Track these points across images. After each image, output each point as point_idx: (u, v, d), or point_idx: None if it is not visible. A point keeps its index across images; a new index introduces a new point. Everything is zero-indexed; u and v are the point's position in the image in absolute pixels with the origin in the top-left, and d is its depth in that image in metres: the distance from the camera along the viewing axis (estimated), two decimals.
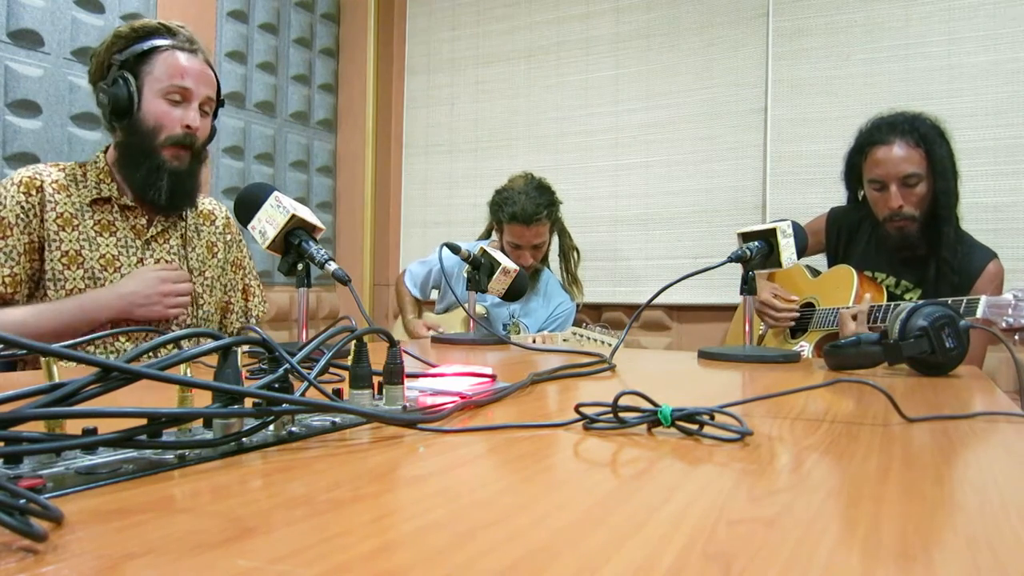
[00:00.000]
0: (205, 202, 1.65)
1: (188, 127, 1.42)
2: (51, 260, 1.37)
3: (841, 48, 2.54)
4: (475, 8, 3.20)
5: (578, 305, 2.62)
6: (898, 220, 1.84)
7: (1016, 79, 2.32)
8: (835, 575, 0.32)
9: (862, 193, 1.99)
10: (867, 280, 1.94)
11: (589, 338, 2.17)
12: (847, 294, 1.89)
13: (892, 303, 1.71)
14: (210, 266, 1.59)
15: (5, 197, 1.35)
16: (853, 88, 2.51)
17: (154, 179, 1.41)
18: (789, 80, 2.62)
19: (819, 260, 2.18)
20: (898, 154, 1.82)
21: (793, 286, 2.14)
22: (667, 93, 2.82)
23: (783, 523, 0.38)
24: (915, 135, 1.83)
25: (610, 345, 2.14)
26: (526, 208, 2.30)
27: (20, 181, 1.37)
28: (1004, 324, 1.44)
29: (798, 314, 2.02)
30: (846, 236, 2.06)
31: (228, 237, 1.66)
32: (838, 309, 1.85)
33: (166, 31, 1.43)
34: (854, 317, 1.72)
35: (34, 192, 1.37)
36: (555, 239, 2.65)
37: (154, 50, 1.40)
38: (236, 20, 2.71)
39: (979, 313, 1.50)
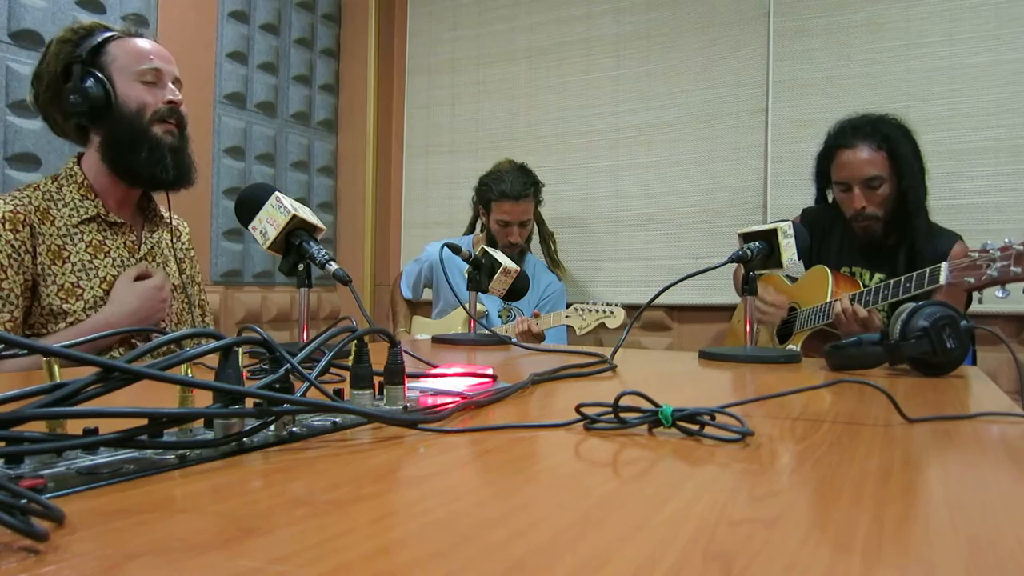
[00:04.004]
0: (173, 217, 1.62)
1: (171, 101, 1.41)
2: (48, 296, 1.32)
3: (842, 48, 2.54)
4: (476, 8, 3.20)
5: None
6: (862, 220, 1.95)
7: (1017, 79, 2.31)
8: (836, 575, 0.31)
9: (831, 194, 2.09)
10: (842, 277, 2.00)
11: (589, 310, 2.20)
12: (824, 293, 1.95)
13: (880, 284, 1.73)
14: (185, 283, 1.58)
15: None
16: (854, 88, 2.51)
17: (158, 156, 1.39)
18: (790, 80, 2.62)
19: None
20: (861, 157, 1.92)
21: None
22: (668, 93, 2.82)
23: (784, 524, 0.38)
24: (878, 137, 1.92)
25: (612, 314, 2.17)
26: (514, 185, 2.45)
27: (3, 218, 1.29)
28: (967, 284, 1.48)
29: (787, 308, 2.08)
30: (819, 235, 2.11)
31: (192, 254, 1.67)
32: (821, 305, 1.91)
33: (105, 27, 1.41)
34: (855, 314, 1.74)
35: (21, 228, 1.30)
36: (535, 228, 2.69)
37: (107, 41, 1.38)
38: (237, 20, 2.71)
39: (942, 279, 1.53)
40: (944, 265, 1.53)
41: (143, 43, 1.42)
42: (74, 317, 1.34)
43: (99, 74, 1.35)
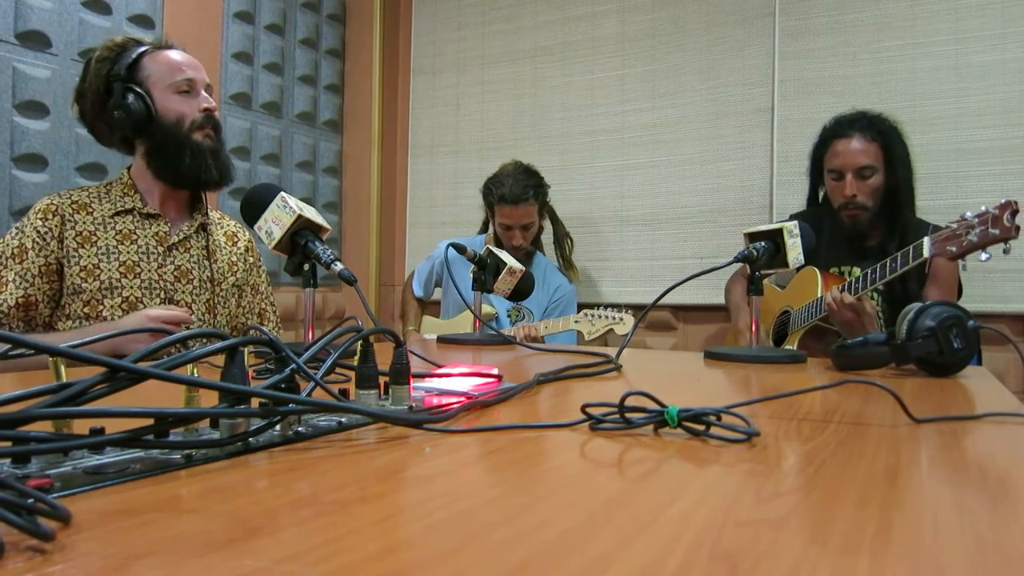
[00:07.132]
0: (229, 223, 1.72)
1: (207, 109, 1.52)
2: (71, 276, 1.44)
3: (848, 47, 2.53)
4: (481, 8, 3.20)
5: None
6: (851, 208, 2.00)
7: None
8: None
9: (822, 191, 2.13)
10: (830, 275, 2.03)
11: (600, 316, 2.21)
12: (815, 290, 1.97)
13: (868, 269, 1.76)
14: (228, 281, 1.64)
15: (25, 225, 1.44)
16: (860, 87, 2.50)
17: (201, 160, 1.50)
18: (795, 80, 2.61)
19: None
20: (855, 147, 1.99)
21: (764, 305, 2.18)
22: (673, 93, 2.82)
23: (791, 524, 0.38)
24: (873, 131, 1.99)
25: (622, 321, 2.17)
26: (513, 189, 2.43)
27: (39, 209, 1.45)
28: (950, 253, 1.51)
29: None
30: None
31: (250, 260, 1.72)
32: (813, 301, 1.93)
33: (137, 41, 1.52)
34: (844, 302, 1.76)
35: (51, 216, 1.44)
36: (549, 227, 2.69)
37: (141, 56, 1.49)
38: (242, 21, 2.72)
39: (926, 252, 1.57)
40: (926, 239, 1.57)
41: (174, 55, 1.53)
42: (89, 296, 1.44)
43: (138, 89, 1.46)
